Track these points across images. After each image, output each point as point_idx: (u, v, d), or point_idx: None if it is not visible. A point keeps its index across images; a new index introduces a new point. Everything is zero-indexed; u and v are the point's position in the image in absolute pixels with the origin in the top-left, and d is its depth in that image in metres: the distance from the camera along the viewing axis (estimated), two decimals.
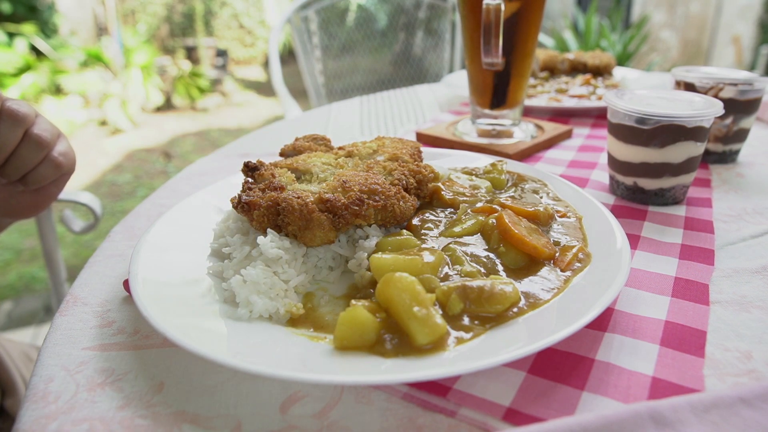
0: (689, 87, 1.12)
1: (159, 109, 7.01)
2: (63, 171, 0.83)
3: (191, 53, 8.32)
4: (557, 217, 0.80)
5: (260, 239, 0.67)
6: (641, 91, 1.00)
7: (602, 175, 1.10)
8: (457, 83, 1.76)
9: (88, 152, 5.58)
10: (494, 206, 0.78)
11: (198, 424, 0.51)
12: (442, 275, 0.65)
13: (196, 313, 0.61)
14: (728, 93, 1.07)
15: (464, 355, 0.53)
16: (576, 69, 1.92)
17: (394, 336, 0.56)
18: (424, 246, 0.70)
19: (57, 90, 6.16)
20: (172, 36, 8.56)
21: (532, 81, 1.82)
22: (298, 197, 0.68)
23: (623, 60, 5.37)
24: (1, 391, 1.05)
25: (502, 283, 0.61)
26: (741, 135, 1.13)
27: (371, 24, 3.35)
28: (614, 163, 0.98)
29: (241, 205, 0.71)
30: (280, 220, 0.69)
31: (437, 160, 1.02)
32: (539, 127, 1.35)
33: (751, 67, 5.98)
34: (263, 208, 0.69)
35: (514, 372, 0.56)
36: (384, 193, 0.72)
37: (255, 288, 0.63)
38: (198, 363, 0.59)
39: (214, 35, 8.72)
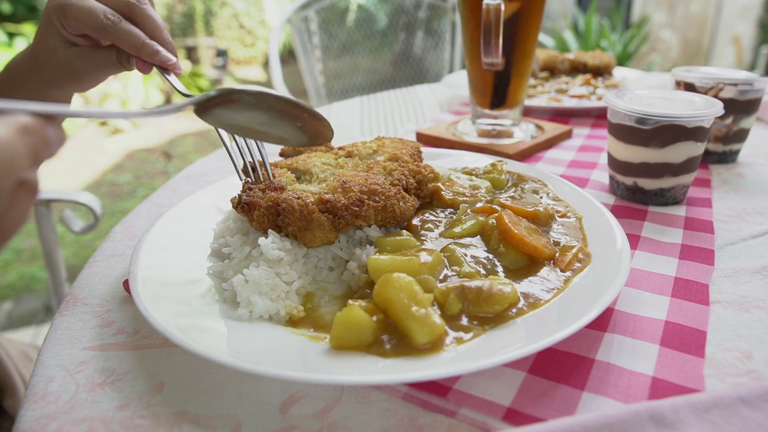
0: (689, 87, 1.12)
1: None
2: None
3: (191, 53, 8.32)
4: (557, 217, 0.80)
5: (261, 240, 0.67)
6: (641, 91, 1.00)
7: (602, 175, 1.10)
8: (457, 83, 1.76)
9: (88, 152, 5.58)
10: (494, 206, 0.78)
11: (198, 424, 0.51)
12: (441, 277, 0.65)
13: (196, 313, 0.61)
14: (728, 93, 1.07)
15: (464, 355, 0.53)
16: (576, 69, 1.92)
17: (393, 336, 0.56)
18: (422, 247, 0.70)
19: None
20: (172, 36, 8.55)
21: (532, 81, 1.82)
22: (299, 197, 0.68)
23: (623, 60, 5.36)
24: (0, 391, 1.05)
25: (501, 283, 0.61)
26: (741, 135, 1.13)
27: (371, 24, 3.35)
28: (614, 163, 0.98)
29: (241, 205, 0.71)
30: (280, 220, 0.69)
31: (437, 160, 1.02)
32: (539, 127, 1.35)
33: (751, 67, 5.98)
34: (263, 208, 0.69)
35: (514, 372, 0.56)
36: (384, 194, 0.72)
37: (257, 288, 0.62)
38: (198, 363, 0.59)
39: (214, 35, 8.72)
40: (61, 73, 0.81)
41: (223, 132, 0.74)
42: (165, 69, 0.78)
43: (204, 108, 0.60)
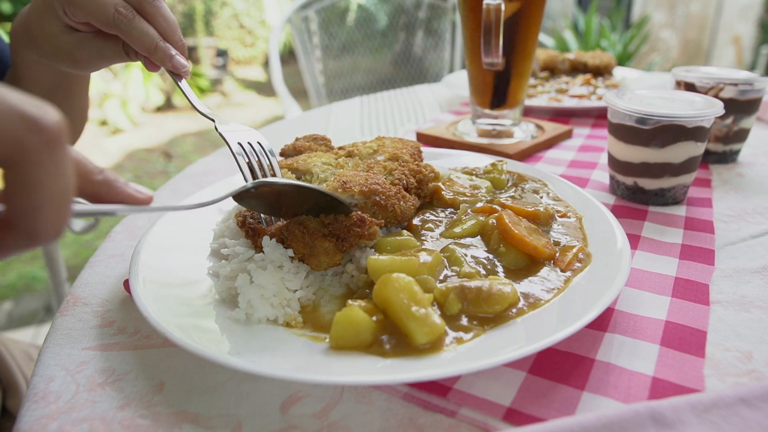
0: (689, 87, 1.12)
1: (159, 109, 7.01)
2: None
3: (191, 53, 8.32)
4: (557, 217, 0.80)
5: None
6: (641, 91, 1.00)
7: (602, 175, 1.10)
8: (457, 83, 1.76)
9: (89, 152, 5.57)
10: (494, 206, 0.78)
11: (198, 424, 0.51)
12: (441, 277, 0.65)
13: (196, 313, 0.61)
14: (728, 93, 1.07)
15: (464, 356, 0.53)
16: (576, 69, 1.92)
17: (392, 336, 0.56)
18: (422, 247, 0.70)
19: None
20: None
21: (532, 81, 1.82)
22: (301, 224, 0.67)
23: (623, 60, 5.36)
24: (3, 391, 1.05)
25: (501, 283, 0.61)
26: (741, 135, 1.13)
27: (371, 24, 3.35)
28: (614, 163, 0.98)
29: (246, 228, 0.71)
30: (285, 245, 0.68)
31: (437, 160, 1.02)
32: (539, 127, 1.35)
33: (752, 67, 5.98)
34: (268, 235, 0.68)
35: (514, 372, 0.56)
36: (384, 193, 0.72)
37: (259, 292, 0.62)
38: (198, 363, 0.59)
39: (214, 35, 8.71)
40: (61, 57, 0.75)
41: (229, 140, 0.72)
42: (177, 74, 0.74)
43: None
